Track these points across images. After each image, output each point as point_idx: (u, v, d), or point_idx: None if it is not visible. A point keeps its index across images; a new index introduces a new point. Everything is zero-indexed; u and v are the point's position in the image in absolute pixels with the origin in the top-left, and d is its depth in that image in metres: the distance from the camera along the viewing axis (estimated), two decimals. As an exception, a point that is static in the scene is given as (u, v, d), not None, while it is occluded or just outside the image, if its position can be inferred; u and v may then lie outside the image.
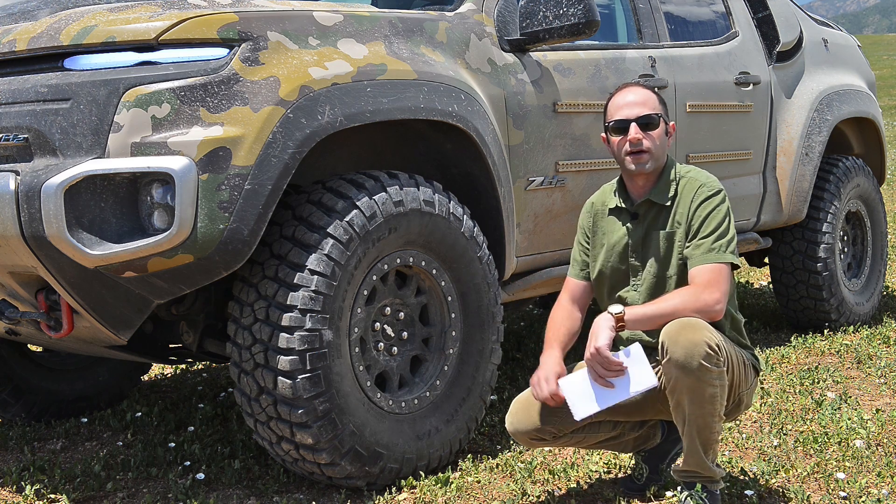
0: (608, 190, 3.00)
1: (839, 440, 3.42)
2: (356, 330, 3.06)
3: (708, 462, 2.69)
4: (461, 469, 3.30)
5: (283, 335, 2.89)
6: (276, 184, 2.83)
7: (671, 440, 3.03)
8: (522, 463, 3.30)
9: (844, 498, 2.93)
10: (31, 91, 2.88)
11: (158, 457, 3.55)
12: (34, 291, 3.02)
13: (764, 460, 3.26)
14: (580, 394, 2.67)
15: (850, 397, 3.98)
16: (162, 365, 4.74)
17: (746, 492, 2.96)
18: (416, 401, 3.24)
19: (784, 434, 3.54)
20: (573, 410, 2.68)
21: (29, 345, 4.06)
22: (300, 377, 2.89)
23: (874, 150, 5.82)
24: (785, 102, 5.11)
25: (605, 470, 3.22)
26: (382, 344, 3.19)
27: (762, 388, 4.13)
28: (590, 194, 3.13)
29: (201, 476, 3.31)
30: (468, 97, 3.36)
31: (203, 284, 2.89)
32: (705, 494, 2.72)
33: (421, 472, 3.21)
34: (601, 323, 2.65)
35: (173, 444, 3.67)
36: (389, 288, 3.21)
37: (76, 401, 4.19)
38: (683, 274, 2.80)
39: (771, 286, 5.70)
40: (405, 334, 3.26)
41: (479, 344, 3.39)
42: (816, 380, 4.27)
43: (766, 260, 5.45)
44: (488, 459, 3.38)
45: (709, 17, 4.90)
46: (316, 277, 2.91)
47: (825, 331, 5.23)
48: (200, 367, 5.03)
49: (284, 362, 2.89)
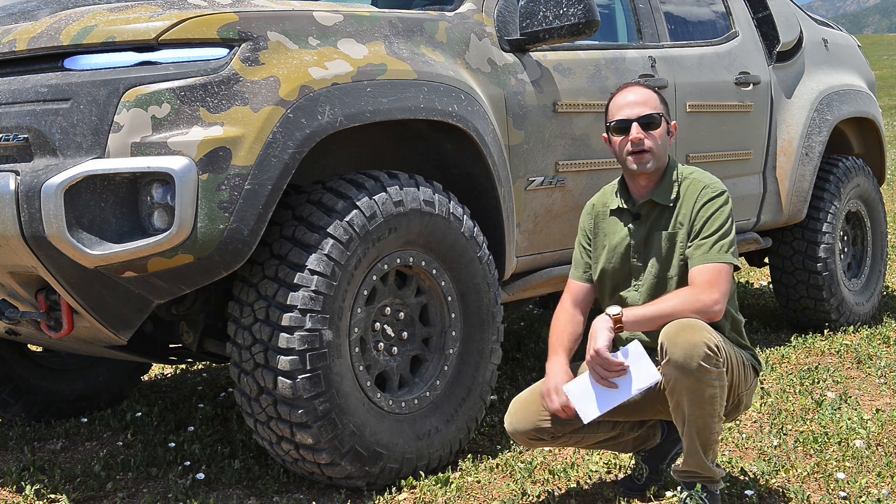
0: (609, 191, 3.00)
1: (839, 440, 3.41)
2: (356, 330, 3.06)
3: (708, 462, 2.69)
4: (461, 469, 3.30)
5: (283, 335, 2.89)
6: (276, 184, 2.83)
7: (671, 440, 3.03)
8: (522, 463, 3.30)
9: (844, 498, 2.93)
10: (31, 91, 2.87)
11: (158, 457, 3.55)
12: (34, 291, 3.02)
13: (764, 460, 3.26)
14: (585, 397, 2.67)
15: (850, 397, 3.97)
16: (162, 365, 4.74)
17: (746, 492, 2.96)
18: (416, 401, 3.24)
19: (784, 434, 3.54)
20: (580, 415, 2.68)
21: (29, 345, 4.06)
22: (300, 377, 2.89)
23: (874, 150, 5.82)
24: (785, 102, 5.11)
25: (605, 470, 3.22)
26: (382, 344, 3.19)
27: (762, 388, 4.13)
28: (590, 194, 3.12)
29: (201, 476, 3.31)
30: (468, 97, 3.35)
31: (203, 284, 2.89)
32: (705, 494, 2.72)
33: (421, 472, 3.21)
34: (599, 325, 2.65)
35: (173, 444, 3.67)
36: (389, 288, 3.21)
37: (76, 401, 4.19)
38: (684, 275, 2.80)
39: (771, 286, 5.69)
40: (405, 334, 3.26)
41: (479, 344, 3.39)
42: (816, 380, 4.26)
43: (766, 260, 5.45)
44: (488, 459, 3.38)
45: (709, 17, 4.90)
46: (316, 277, 2.91)
47: (825, 331, 5.23)
48: (200, 367, 5.03)
49: (284, 362, 2.89)
